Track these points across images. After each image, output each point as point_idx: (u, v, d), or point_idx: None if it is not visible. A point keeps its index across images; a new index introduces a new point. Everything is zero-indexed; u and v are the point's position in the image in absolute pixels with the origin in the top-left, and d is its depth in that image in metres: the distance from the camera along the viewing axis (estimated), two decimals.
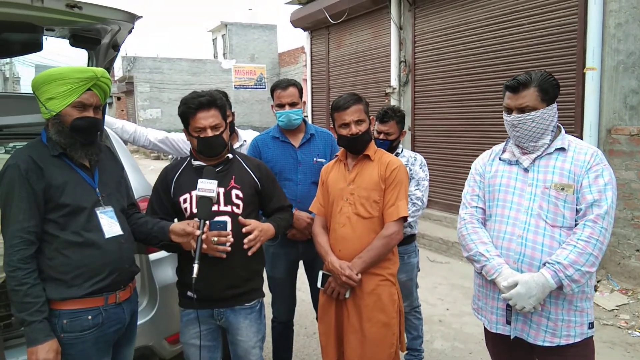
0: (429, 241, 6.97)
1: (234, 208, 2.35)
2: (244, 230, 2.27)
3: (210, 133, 2.32)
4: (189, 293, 2.34)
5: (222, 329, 2.48)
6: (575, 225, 2.03)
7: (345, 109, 2.53)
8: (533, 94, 2.05)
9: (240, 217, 2.32)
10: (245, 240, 2.26)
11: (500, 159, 2.26)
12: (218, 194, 2.31)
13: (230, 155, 2.46)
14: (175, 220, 2.41)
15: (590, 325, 2.07)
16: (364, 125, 2.54)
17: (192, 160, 2.44)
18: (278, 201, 2.57)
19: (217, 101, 2.37)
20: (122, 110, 32.40)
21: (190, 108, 2.33)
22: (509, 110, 2.13)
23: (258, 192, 2.48)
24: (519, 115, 2.08)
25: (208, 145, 2.35)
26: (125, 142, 3.54)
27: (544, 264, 2.00)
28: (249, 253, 2.27)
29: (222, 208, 2.34)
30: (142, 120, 26.47)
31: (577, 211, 2.03)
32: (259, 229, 2.30)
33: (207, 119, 2.32)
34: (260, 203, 2.54)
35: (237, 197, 2.37)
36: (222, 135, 2.36)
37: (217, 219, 2.27)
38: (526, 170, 2.15)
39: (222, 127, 2.36)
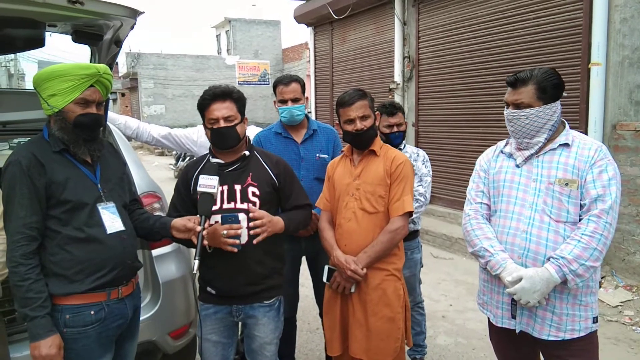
0: (433, 237, 6.97)
1: (251, 205, 2.33)
2: (251, 215, 2.25)
3: (222, 124, 2.32)
4: (209, 288, 2.35)
5: (236, 325, 2.48)
6: (580, 220, 2.02)
7: (350, 105, 2.53)
8: (530, 91, 2.05)
9: (250, 206, 2.28)
10: (251, 225, 2.23)
11: (502, 151, 2.27)
12: (235, 191, 2.32)
13: (247, 152, 2.44)
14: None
15: (595, 320, 2.07)
16: (369, 120, 2.54)
17: (211, 158, 2.43)
18: (296, 199, 2.52)
19: (233, 94, 2.37)
20: (127, 107, 32.49)
21: (205, 99, 2.35)
22: (507, 105, 2.14)
23: (276, 189, 2.45)
24: (514, 111, 2.10)
25: (220, 136, 2.34)
26: (129, 138, 3.55)
27: (549, 259, 2.00)
28: (254, 241, 2.24)
29: (239, 205, 2.32)
30: (146, 117, 26.50)
31: (581, 206, 2.02)
32: (267, 219, 2.27)
33: (221, 110, 2.32)
34: (279, 200, 2.51)
35: (254, 194, 2.35)
36: (236, 127, 2.35)
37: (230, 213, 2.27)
38: (518, 166, 2.16)
39: (236, 119, 2.35)
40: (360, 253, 2.47)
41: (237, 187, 2.34)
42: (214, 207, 2.28)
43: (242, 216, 2.30)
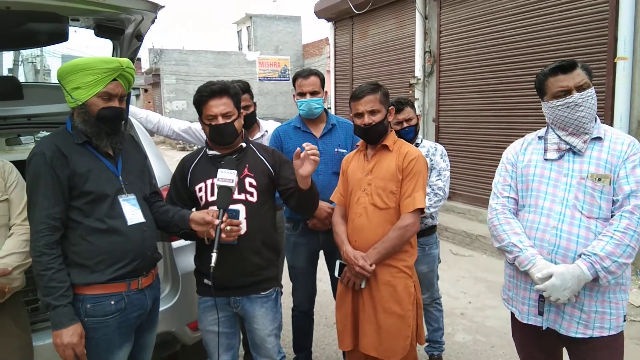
0: (453, 234, 6.90)
1: (248, 196, 2.35)
2: (306, 147, 2.21)
3: (221, 120, 2.33)
4: (206, 281, 2.36)
5: (239, 315, 2.50)
6: (612, 216, 1.97)
7: (359, 99, 2.52)
8: (583, 73, 2.02)
9: (304, 144, 2.24)
10: (309, 153, 2.21)
11: (545, 159, 2.14)
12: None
13: (244, 144, 2.46)
14: (194, 210, 2.43)
15: (624, 318, 2.02)
16: (379, 115, 2.52)
17: (207, 150, 2.46)
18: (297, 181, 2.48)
19: (230, 90, 2.37)
20: (149, 102, 32.86)
21: (202, 96, 2.35)
22: (565, 92, 2.02)
23: (272, 179, 2.45)
24: (582, 93, 2.00)
25: (219, 132, 2.36)
26: (150, 132, 3.59)
27: (580, 256, 1.95)
28: (312, 157, 2.21)
29: (236, 196, 2.33)
30: (168, 112, 26.78)
31: (614, 202, 1.97)
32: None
33: (219, 106, 2.33)
34: (279, 187, 2.47)
35: (251, 185, 2.37)
36: (234, 123, 2.36)
37: (230, 207, 2.27)
38: (579, 152, 2.05)
39: (233, 115, 2.36)
40: (370, 249, 2.46)
41: None
42: (211, 199, 2.31)
43: (240, 207, 2.32)
